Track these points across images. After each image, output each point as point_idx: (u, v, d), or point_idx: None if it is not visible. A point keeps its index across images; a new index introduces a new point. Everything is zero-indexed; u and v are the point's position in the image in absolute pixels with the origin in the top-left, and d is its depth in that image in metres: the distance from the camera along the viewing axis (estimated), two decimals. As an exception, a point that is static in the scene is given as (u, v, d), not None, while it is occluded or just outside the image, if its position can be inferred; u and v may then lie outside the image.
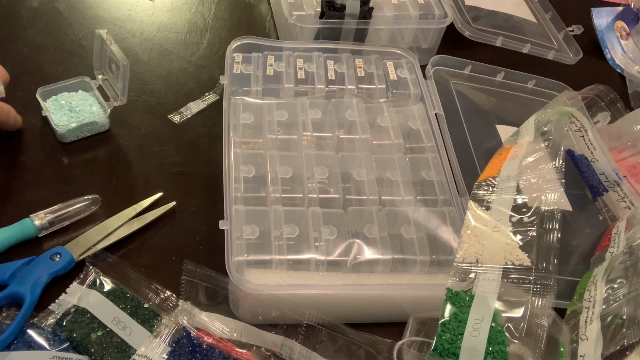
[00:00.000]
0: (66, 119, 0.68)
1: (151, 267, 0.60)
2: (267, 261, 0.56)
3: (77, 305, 0.55)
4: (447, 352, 0.52)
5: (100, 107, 0.70)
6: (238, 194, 0.60)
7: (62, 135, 0.68)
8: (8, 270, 0.55)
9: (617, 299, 0.54)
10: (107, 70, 0.69)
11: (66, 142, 0.68)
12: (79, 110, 0.69)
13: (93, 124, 0.69)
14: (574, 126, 0.67)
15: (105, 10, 0.85)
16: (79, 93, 0.70)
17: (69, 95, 0.70)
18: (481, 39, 0.84)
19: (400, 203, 0.63)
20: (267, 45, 0.75)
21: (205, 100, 0.76)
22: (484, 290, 0.55)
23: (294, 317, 0.54)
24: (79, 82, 0.70)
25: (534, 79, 0.83)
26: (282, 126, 0.67)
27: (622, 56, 0.96)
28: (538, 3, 0.96)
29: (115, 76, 0.67)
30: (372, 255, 0.58)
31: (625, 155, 0.70)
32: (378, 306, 0.59)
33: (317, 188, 0.62)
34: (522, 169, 0.61)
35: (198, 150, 0.71)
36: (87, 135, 0.69)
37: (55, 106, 0.68)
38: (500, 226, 0.58)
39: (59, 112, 0.68)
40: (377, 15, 0.80)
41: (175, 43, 0.83)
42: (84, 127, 0.68)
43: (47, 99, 0.69)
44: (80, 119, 0.68)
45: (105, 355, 0.51)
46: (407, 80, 0.75)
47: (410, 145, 0.69)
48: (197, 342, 0.53)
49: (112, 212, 0.62)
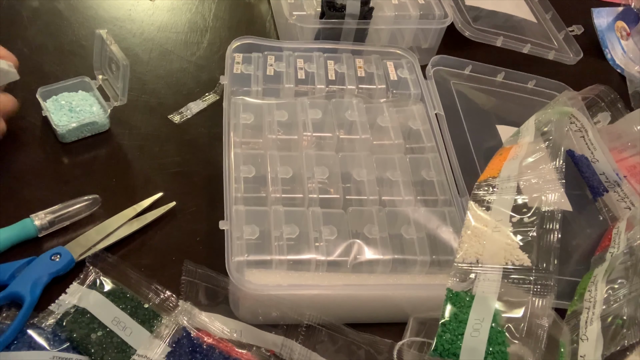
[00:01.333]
0: (66, 119, 0.68)
1: (151, 267, 0.60)
2: (267, 261, 0.56)
3: (77, 305, 0.55)
4: (448, 352, 0.52)
5: (100, 107, 0.69)
6: (238, 194, 0.60)
7: (62, 136, 0.68)
8: (8, 270, 0.55)
9: (618, 300, 0.54)
10: (107, 70, 0.69)
11: (66, 142, 0.68)
12: (79, 110, 0.69)
13: (93, 124, 0.69)
14: (574, 126, 0.67)
15: (105, 10, 0.85)
16: (79, 93, 0.70)
17: (69, 95, 0.70)
18: (481, 39, 0.84)
19: (401, 203, 0.63)
20: (267, 45, 0.75)
21: (205, 100, 0.76)
22: (484, 290, 0.55)
23: (294, 318, 0.54)
24: (79, 82, 0.70)
25: (534, 79, 0.82)
26: (282, 126, 0.67)
27: (623, 56, 0.96)
28: (538, 3, 0.96)
29: (115, 76, 0.67)
30: (372, 255, 0.58)
31: (626, 155, 0.70)
32: (378, 306, 0.59)
33: (317, 188, 0.62)
34: (523, 169, 0.61)
35: (198, 150, 0.71)
36: (87, 136, 0.69)
37: (56, 106, 0.68)
38: (500, 226, 0.58)
39: (59, 112, 0.68)
40: (377, 15, 0.80)
41: (175, 43, 0.83)
42: (84, 127, 0.68)
43: (47, 99, 0.69)
44: (80, 119, 0.68)
45: (105, 356, 0.51)
46: (407, 80, 0.75)
47: (410, 146, 0.69)
48: (197, 342, 0.53)
49: (112, 212, 0.62)
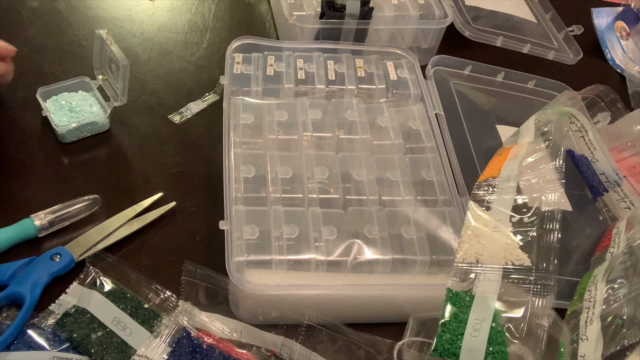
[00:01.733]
0: (66, 119, 0.68)
1: (151, 267, 0.60)
2: (267, 261, 0.56)
3: (77, 305, 0.55)
4: (448, 352, 0.52)
5: (100, 107, 0.70)
6: (238, 194, 0.60)
7: (62, 136, 0.68)
8: (8, 270, 0.55)
9: (618, 299, 0.54)
10: (107, 71, 0.69)
11: (66, 142, 0.68)
12: (79, 110, 0.69)
13: (93, 124, 0.69)
14: (574, 126, 0.67)
15: (105, 10, 0.85)
16: (79, 93, 0.71)
17: (69, 95, 0.70)
18: (481, 39, 0.84)
19: (400, 203, 0.63)
20: (267, 45, 0.75)
21: (205, 101, 0.76)
22: (484, 290, 0.55)
23: (294, 317, 0.54)
24: (79, 82, 0.70)
25: (534, 79, 0.83)
26: (282, 126, 0.67)
27: (622, 56, 0.96)
28: (538, 3, 0.96)
29: (115, 76, 0.67)
30: (372, 255, 0.58)
31: (625, 155, 0.70)
32: (378, 306, 0.59)
33: (317, 188, 0.62)
34: (522, 169, 0.61)
35: (198, 150, 0.71)
36: (87, 136, 0.69)
37: (56, 106, 0.69)
38: (500, 226, 0.58)
39: (59, 112, 0.68)
40: (377, 16, 0.80)
41: (175, 43, 0.83)
42: (84, 127, 0.68)
43: (47, 99, 0.69)
44: (80, 119, 0.68)
45: (106, 356, 0.51)
46: (407, 80, 0.75)
47: (410, 146, 0.69)
48: (197, 342, 0.53)
49: (112, 212, 0.62)
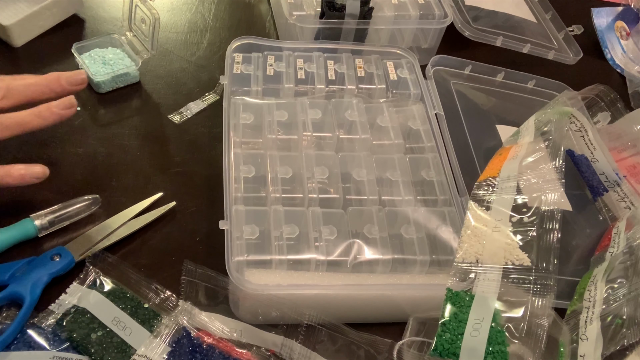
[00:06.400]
0: (103, 70, 0.74)
1: (151, 267, 0.60)
2: (267, 261, 0.56)
3: (77, 305, 0.55)
4: (447, 352, 0.52)
5: (131, 60, 0.75)
6: (238, 194, 0.60)
7: (98, 85, 0.73)
8: (8, 270, 0.55)
9: (617, 299, 0.54)
10: (137, 28, 0.74)
11: (102, 93, 0.74)
12: (112, 63, 0.75)
13: (126, 75, 0.75)
14: (574, 126, 0.67)
15: (105, 10, 0.85)
16: (109, 49, 0.76)
17: (100, 50, 0.76)
18: (481, 39, 0.84)
19: (400, 203, 0.63)
20: (267, 45, 0.75)
21: (205, 100, 0.76)
22: (484, 290, 0.55)
23: (294, 317, 0.54)
24: (108, 39, 0.76)
25: (534, 79, 0.83)
26: (282, 126, 0.67)
27: (622, 56, 0.96)
28: (538, 3, 0.96)
29: (146, 31, 0.72)
30: (372, 255, 0.58)
31: (625, 155, 0.70)
32: (378, 306, 0.59)
33: (317, 188, 0.62)
34: (522, 169, 0.61)
35: (198, 150, 0.71)
36: (121, 86, 0.75)
37: (89, 60, 0.74)
38: (500, 226, 0.58)
39: (94, 65, 0.74)
40: (377, 15, 0.80)
41: (175, 43, 0.83)
42: (118, 78, 0.74)
43: (82, 54, 0.75)
44: (115, 70, 0.74)
45: (105, 356, 0.51)
46: (407, 80, 0.75)
47: (410, 145, 0.69)
48: (197, 342, 0.53)
49: (112, 212, 0.62)
